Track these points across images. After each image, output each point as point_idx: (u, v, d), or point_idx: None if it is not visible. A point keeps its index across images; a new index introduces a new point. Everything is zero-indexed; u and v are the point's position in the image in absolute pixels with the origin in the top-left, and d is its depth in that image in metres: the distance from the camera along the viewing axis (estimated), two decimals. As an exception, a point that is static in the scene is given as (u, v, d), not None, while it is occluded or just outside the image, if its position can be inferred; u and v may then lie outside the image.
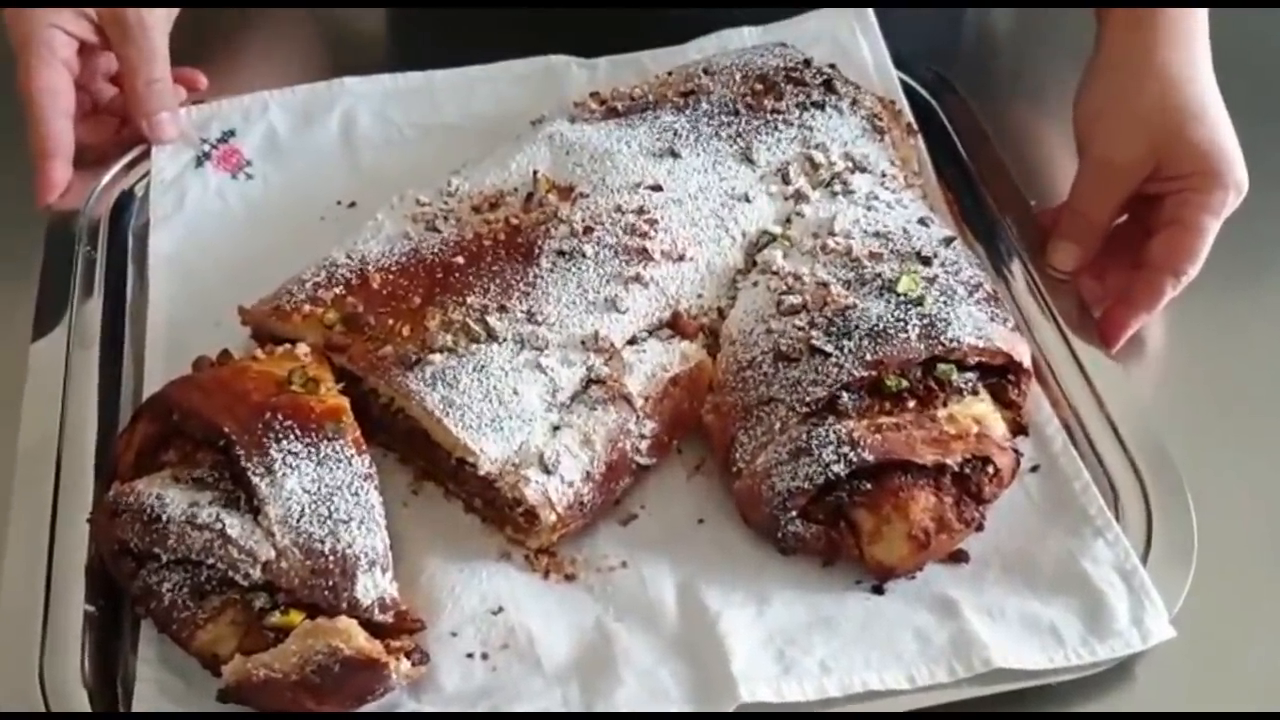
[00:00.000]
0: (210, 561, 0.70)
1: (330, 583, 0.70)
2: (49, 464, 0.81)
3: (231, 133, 1.02)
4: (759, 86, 0.95)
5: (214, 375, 0.78)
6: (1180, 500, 0.78)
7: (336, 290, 0.83)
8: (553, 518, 0.76)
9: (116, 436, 0.80)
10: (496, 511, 0.78)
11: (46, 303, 0.90)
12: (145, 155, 1.01)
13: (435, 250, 0.85)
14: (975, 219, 0.96)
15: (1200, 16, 0.91)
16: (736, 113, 0.93)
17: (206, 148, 1.01)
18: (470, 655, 0.73)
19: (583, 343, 0.80)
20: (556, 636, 0.74)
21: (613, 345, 0.81)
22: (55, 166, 0.95)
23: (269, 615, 0.69)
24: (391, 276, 0.83)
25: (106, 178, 0.99)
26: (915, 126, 1.00)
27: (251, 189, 0.99)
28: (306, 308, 0.82)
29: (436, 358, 0.78)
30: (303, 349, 0.80)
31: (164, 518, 0.70)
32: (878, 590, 0.76)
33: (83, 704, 0.71)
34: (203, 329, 0.88)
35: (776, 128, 0.92)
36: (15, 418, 0.83)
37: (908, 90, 1.03)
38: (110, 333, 0.90)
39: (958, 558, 0.77)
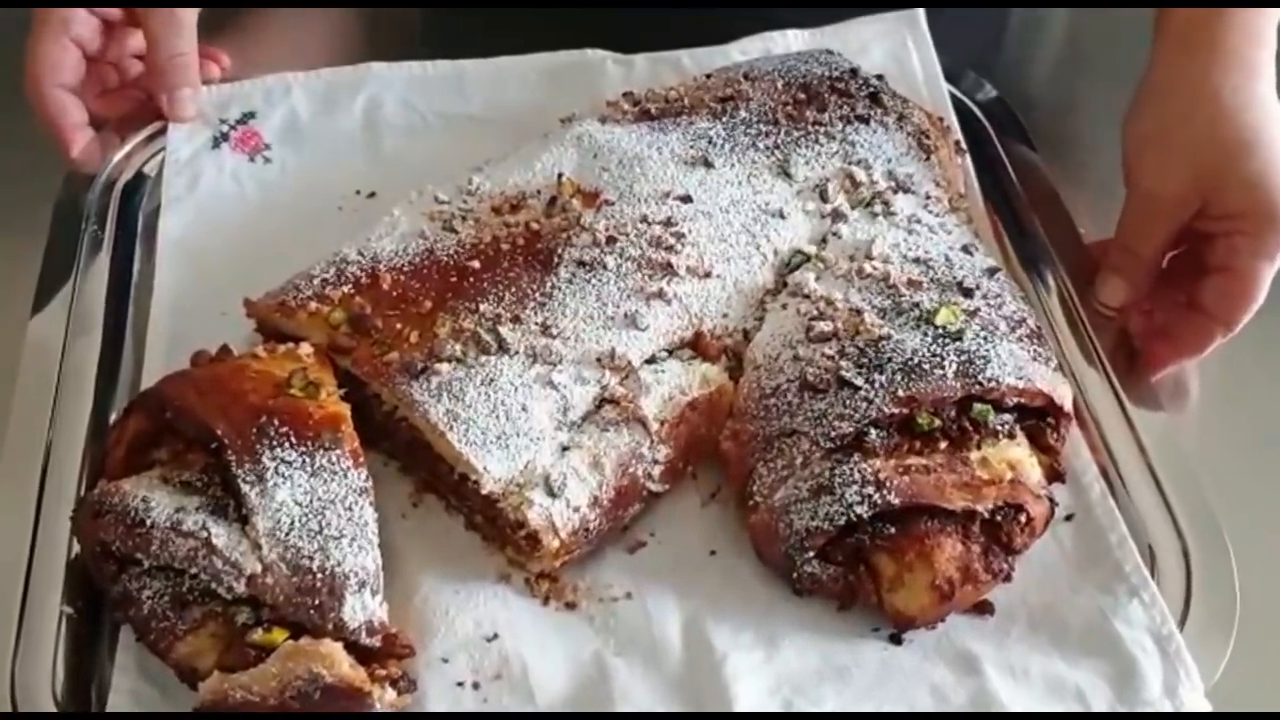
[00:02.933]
0: (193, 571, 0.67)
1: (316, 602, 0.66)
2: (38, 452, 0.78)
3: (251, 114, 0.99)
4: (801, 96, 0.90)
5: (211, 372, 0.75)
6: (1223, 561, 0.74)
7: (345, 289, 0.79)
8: (555, 543, 0.72)
9: (108, 429, 0.77)
10: (498, 531, 0.75)
11: (48, 284, 0.88)
12: (161, 133, 0.98)
13: (450, 252, 0.81)
14: (1021, 246, 0.92)
15: (1266, 41, 0.85)
16: (776, 123, 0.89)
17: (225, 128, 0.98)
18: (460, 684, 0.70)
19: (598, 360, 0.76)
20: (552, 669, 0.71)
21: (629, 364, 0.77)
22: (63, 128, 0.94)
23: (252, 632, 0.66)
24: (403, 278, 0.80)
25: (119, 155, 0.97)
26: (964, 145, 0.95)
27: (268, 173, 0.96)
28: (313, 305, 0.79)
29: (444, 367, 0.74)
30: (305, 349, 0.76)
31: (148, 522, 0.67)
32: (895, 640, 0.72)
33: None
34: (207, 319, 0.85)
35: (817, 141, 0.88)
36: (7, 402, 0.81)
37: (958, 105, 0.99)
38: (112, 318, 0.87)
39: (982, 609, 0.73)
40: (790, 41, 1.03)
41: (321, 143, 0.97)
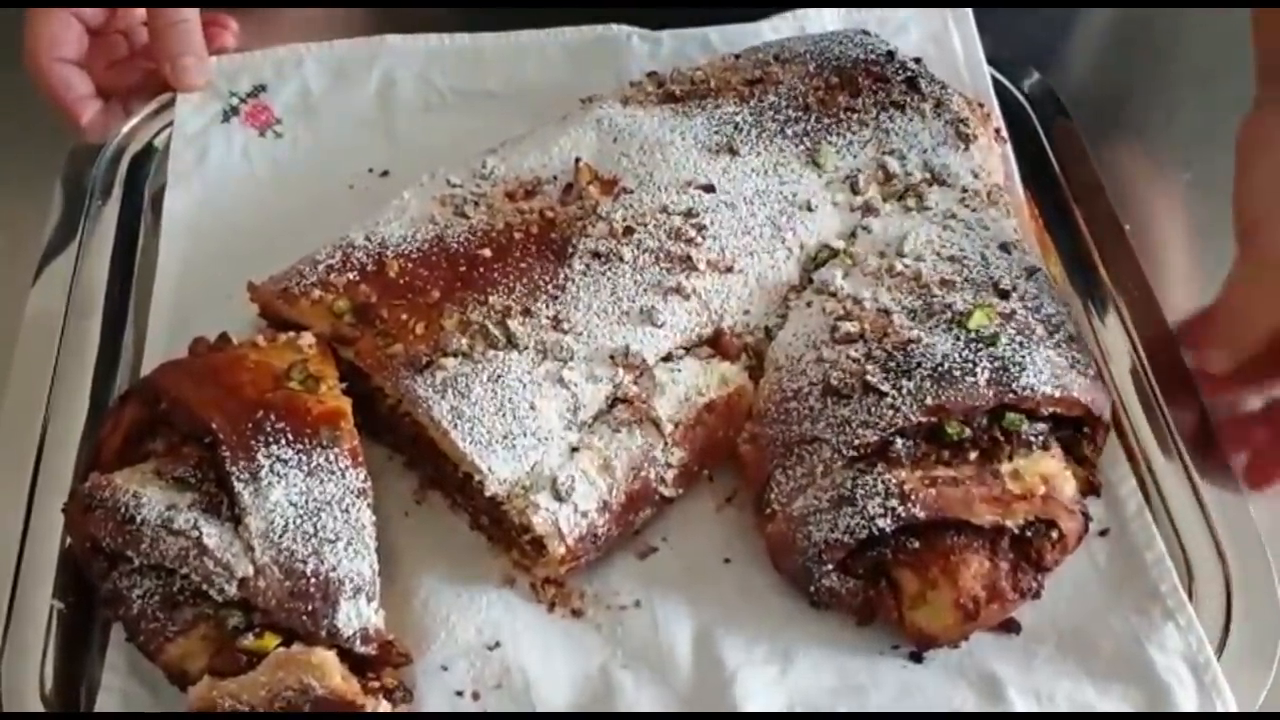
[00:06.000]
0: (184, 571, 0.64)
1: (310, 607, 0.64)
2: (32, 438, 0.76)
3: (262, 87, 0.95)
4: (834, 80, 0.86)
5: (208, 362, 0.72)
6: (1266, 583, 0.71)
7: (350, 275, 0.76)
8: (561, 550, 0.69)
9: (103, 416, 0.74)
10: (503, 533, 0.72)
11: (50, 259, 0.85)
12: (172, 104, 0.95)
13: (461, 239, 0.78)
14: (1061, 241, 0.88)
15: None
16: (806, 108, 0.84)
17: (235, 101, 0.95)
18: (460, 693, 0.68)
19: (611, 357, 0.73)
20: (556, 679, 0.68)
21: (644, 362, 0.73)
22: (68, 102, 0.92)
23: (243, 636, 0.64)
24: (410, 265, 0.76)
25: (126, 127, 0.94)
26: (1004, 133, 0.90)
27: (279, 149, 0.93)
28: (316, 293, 0.76)
29: (449, 362, 0.71)
30: (307, 339, 0.73)
31: (138, 519, 0.65)
32: (915, 658, 0.70)
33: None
34: (212, 301, 0.82)
35: (849, 129, 0.83)
36: (4, 381, 0.78)
37: (1001, 91, 0.94)
38: (115, 295, 0.85)
39: (1008, 627, 0.70)
40: (825, 20, 0.98)
41: (334, 118, 0.94)
